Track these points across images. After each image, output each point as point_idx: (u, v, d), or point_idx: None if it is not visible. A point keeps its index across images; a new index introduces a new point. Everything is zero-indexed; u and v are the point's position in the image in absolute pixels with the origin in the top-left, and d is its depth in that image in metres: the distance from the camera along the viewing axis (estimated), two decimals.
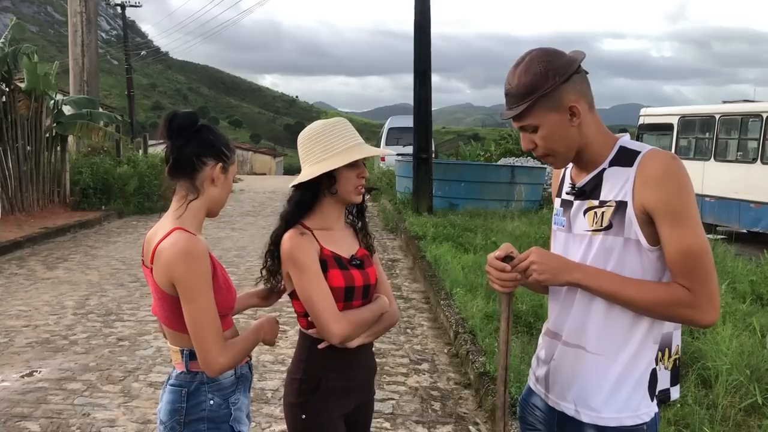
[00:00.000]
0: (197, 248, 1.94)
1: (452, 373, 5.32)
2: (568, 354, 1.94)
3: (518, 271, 1.89)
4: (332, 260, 2.22)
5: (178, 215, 2.03)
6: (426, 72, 13.36)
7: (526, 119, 1.86)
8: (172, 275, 1.93)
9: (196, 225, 2.05)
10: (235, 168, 2.17)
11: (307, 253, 2.18)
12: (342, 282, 2.21)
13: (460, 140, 43.75)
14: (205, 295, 1.93)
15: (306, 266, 2.17)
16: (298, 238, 2.20)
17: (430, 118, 13.59)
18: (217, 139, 2.08)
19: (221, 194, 2.09)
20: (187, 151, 2.04)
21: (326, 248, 2.24)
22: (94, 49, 20.93)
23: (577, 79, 1.84)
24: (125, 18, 37.03)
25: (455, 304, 6.71)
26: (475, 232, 10.67)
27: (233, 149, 2.14)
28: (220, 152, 2.07)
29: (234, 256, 9.94)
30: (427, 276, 8.17)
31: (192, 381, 2.07)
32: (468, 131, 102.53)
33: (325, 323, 2.14)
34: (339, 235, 2.32)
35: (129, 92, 37.12)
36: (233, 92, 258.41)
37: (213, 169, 2.05)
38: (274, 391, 4.74)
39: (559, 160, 1.92)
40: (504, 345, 2.04)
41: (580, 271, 1.84)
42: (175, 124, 2.04)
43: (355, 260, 2.29)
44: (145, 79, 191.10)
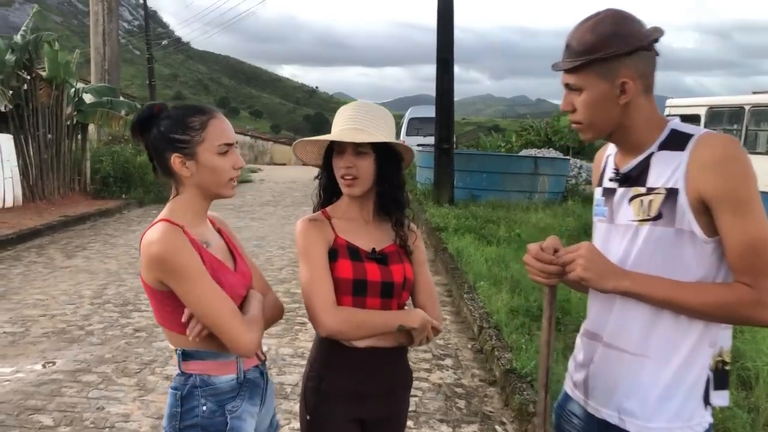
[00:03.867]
0: (178, 237, 1.78)
1: (477, 369, 5.14)
2: (610, 357, 1.78)
3: (562, 264, 1.72)
4: (345, 250, 2.08)
5: (169, 208, 1.90)
6: (448, 60, 13.12)
7: (574, 77, 1.71)
8: (155, 266, 1.76)
9: (189, 216, 1.90)
10: (212, 144, 1.87)
11: (310, 239, 2.04)
12: (350, 274, 2.04)
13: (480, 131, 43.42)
14: (201, 274, 1.77)
15: (305, 252, 2.04)
16: (305, 223, 2.10)
17: (453, 107, 13.37)
18: (169, 127, 1.87)
19: (205, 179, 1.88)
20: (150, 151, 1.92)
21: (341, 237, 2.09)
22: (115, 38, 20.92)
23: (643, 56, 1.67)
24: (146, 7, 37.00)
25: (479, 298, 6.53)
26: (498, 223, 10.47)
27: (196, 126, 1.87)
28: (171, 142, 1.86)
29: (254, 246, 9.82)
30: (449, 269, 7.99)
31: (185, 384, 1.89)
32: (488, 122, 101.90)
33: (314, 313, 1.99)
34: (364, 227, 2.16)
35: (150, 81, 37.14)
36: (254, 83, 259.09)
37: (174, 163, 1.87)
38: (293, 386, 4.59)
39: (590, 132, 1.76)
40: (546, 346, 1.87)
41: (629, 278, 1.66)
42: (134, 125, 1.91)
43: (375, 254, 2.11)
44: (166, 69, 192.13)
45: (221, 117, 1.93)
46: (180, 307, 1.81)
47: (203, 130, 1.86)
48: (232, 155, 1.91)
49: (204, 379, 1.87)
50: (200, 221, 1.94)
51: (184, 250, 1.77)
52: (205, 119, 1.88)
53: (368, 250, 2.11)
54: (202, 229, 1.94)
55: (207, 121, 1.88)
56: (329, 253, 2.06)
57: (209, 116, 1.89)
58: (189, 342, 1.83)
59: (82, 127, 14.63)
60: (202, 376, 1.88)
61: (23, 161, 12.97)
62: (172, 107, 1.94)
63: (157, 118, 1.89)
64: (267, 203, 15.87)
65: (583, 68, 1.67)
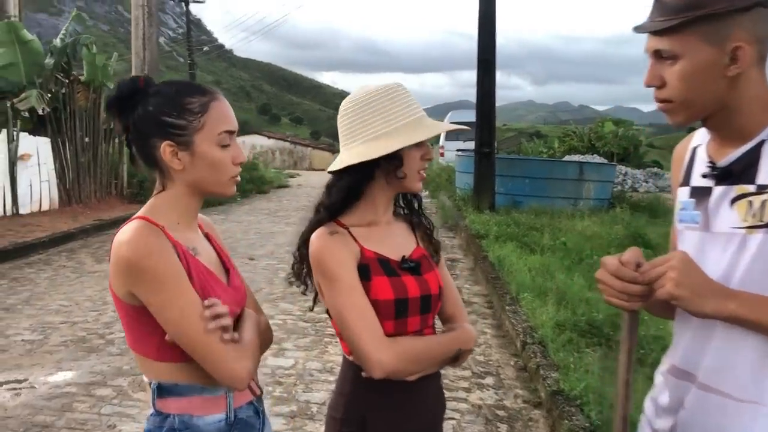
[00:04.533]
0: (154, 238, 1.45)
1: (520, 389, 4.72)
2: (709, 402, 1.38)
3: (646, 281, 1.34)
4: (377, 264, 1.70)
5: (150, 205, 1.56)
6: (490, 62, 12.70)
7: (669, 41, 1.31)
8: (125, 273, 1.42)
9: (175, 216, 1.56)
10: (212, 132, 1.53)
11: (339, 258, 1.66)
12: (391, 293, 1.67)
13: (522, 137, 42.81)
14: (181, 284, 1.43)
15: (336, 276, 1.64)
16: (327, 238, 1.68)
17: (494, 110, 12.93)
18: (160, 108, 1.51)
19: (200, 174, 1.53)
20: (131, 135, 1.55)
21: (368, 249, 1.71)
22: (154, 42, 20.99)
23: (763, 14, 1.27)
24: (189, 13, 37.41)
25: (522, 311, 6.11)
26: (542, 231, 9.99)
27: (195, 109, 1.52)
28: (161, 127, 1.51)
29: (286, 252, 9.53)
30: (489, 278, 7.57)
31: (161, 426, 1.52)
32: (529, 128, 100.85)
33: (364, 351, 1.60)
34: (387, 232, 1.79)
35: None
36: (294, 89, 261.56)
37: (164, 153, 1.52)
38: (320, 405, 4.24)
39: (683, 114, 1.36)
40: (624, 386, 1.48)
41: (736, 300, 1.27)
42: (112, 102, 1.55)
43: (408, 263, 1.75)
44: (209, 76, 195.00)
45: (223, 99, 1.58)
46: (158, 328, 1.46)
47: (203, 114, 1.51)
48: (233, 147, 1.56)
49: (185, 420, 1.51)
50: (188, 223, 1.59)
51: (162, 253, 1.42)
52: (206, 101, 1.53)
53: (398, 260, 1.75)
54: (190, 234, 1.59)
55: (208, 104, 1.53)
56: (359, 271, 1.69)
57: (210, 97, 1.54)
58: (167, 373, 1.48)
59: None
60: (182, 417, 1.51)
61: (60, 165, 12.95)
62: (162, 83, 1.59)
63: (144, 95, 1.53)
64: (302, 208, 15.64)
65: (682, 29, 1.28)
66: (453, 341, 1.75)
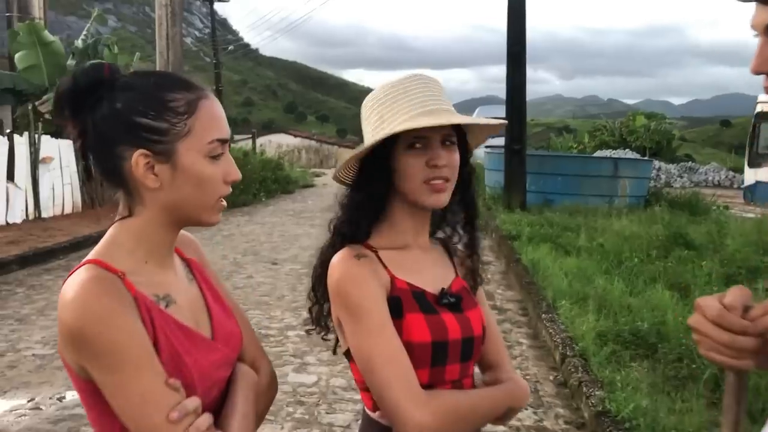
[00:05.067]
0: (106, 297, 1.08)
1: (561, 408, 4.35)
2: None
3: (760, 331, 1.00)
4: (410, 298, 1.37)
5: (108, 241, 1.20)
6: (520, 55, 12.30)
7: None
8: (70, 343, 1.09)
9: (142, 253, 1.20)
10: (201, 140, 1.17)
11: (368, 289, 1.33)
12: (428, 334, 1.35)
13: (550, 132, 42.25)
14: (140, 359, 1.08)
15: (363, 311, 1.32)
16: (352, 263, 1.36)
17: (525, 105, 12.54)
18: (132, 105, 1.15)
19: (183, 195, 1.18)
20: (90, 141, 1.18)
21: (400, 279, 1.39)
22: (178, 42, 20.87)
23: None
24: (213, 12, 37.36)
25: (560, 319, 5.71)
26: (577, 231, 9.61)
27: (181, 109, 1.16)
28: (133, 130, 1.15)
29: (310, 256, 9.13)
30: (523, 283, 7.18)
31: None
32: (558, 123, 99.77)
33: (397, 407, 1.26)
34: (421, 258, 1.46)
35: (217, 87, 37.45)
36: (320, 87, 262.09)
37: (136, 165, 1.15)
38: (344, 428, 3.91)
39: None
40: None
41: None
42: (62, 95, 1.18)
43: (448, 297, 1.41)
44: (236, 76, 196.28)
45: (214, 98, 1.23)
46: None
47: (190, 116, 1.16)
48: (225, 161, 1.21)
49: None
50: (160, 261, 1.23)
51: (115, 318, 1.07)
52: (194, 98, 1.18)
53: (435, 293, 1.42)
54: (163, 276, 1.23)
55: (197, 102, 1.18)
56: (389, 305, 1.36)
57: (199, 94, 1.19)
58: None
59: None
60: None
61: (83, 167, 12.81)
62: (134, 72, 1.24)
63: (109, 88, 1.16)
64: (328, 209, 15.28)
65: None
66: (504, 397, 1.42)
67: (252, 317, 6.15)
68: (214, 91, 1.24)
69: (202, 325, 1.26)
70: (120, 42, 13.49)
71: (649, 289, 6.43)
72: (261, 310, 6.41)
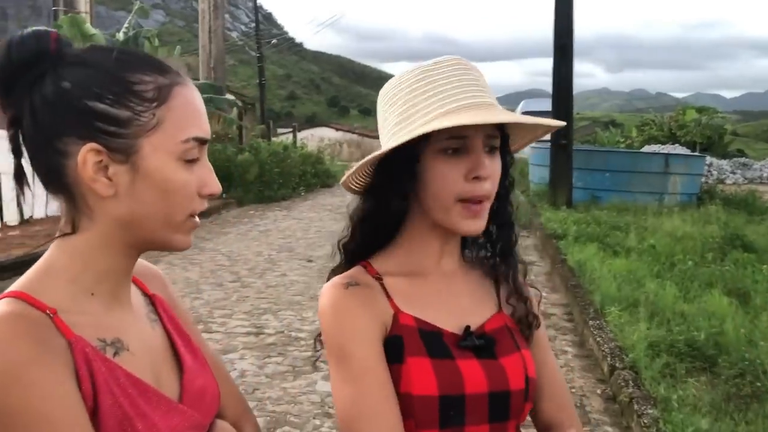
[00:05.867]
0: (24, 343, 0.82)
1: (609, 426, 4.04)
2: None
3: None
4: (416, 338, 1.10)
5: (40, 268, 0.92)
6: (567, 47, 11.89)
7: None
8: None
9: (87, 283, 0.92)
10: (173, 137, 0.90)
11: (354, 325, 1.08)
12: (434, 386, 1.06)
13: (596, 126, 41.47)
14: None
15: (345, 352, 1.08)
16: (338, 293, 1.11)
17: (572, 98, 12.14)
18: (85, 85, 0.88)
19: (145, 207, 0.91)
20: (26, 130, 0.90)
21: (405, 313, 1.12)
22: (220, 35, 20.94)
23: None
24: (257, 6, 37.57)
25: (608, 327, 5.35)
26: (626, 231, 9.22)
27: (149, 95, 0.89)
28: (85, 118, 0.88)
29: None
30: (569, 286, 6.82)
31: None
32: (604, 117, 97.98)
33: None
34: (444, 288, 1.17)
35: (260, 81, 37.58)
36: (362, 81, 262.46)
37: (83, 164, 0.88)
38: None
39: None
40: None
41: None
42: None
43: (473, 338, 1.11)
44: (280, 70, 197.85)
45: (192, 86, 0.95)
46: None
47: (161, 105, 0.89)
48: (202, 167, 0.94)
49: None
50: (110, 296, 0.96)
51: (28, 374, 0.81)
52: (167, 84, 0.91)
53: (458, 332, 1.12)
54: (114, 316, 0.96)
55: (170, 88, 0.91)
56: (387, 346, 1.09)
57: (174, 78, 0.92)
58: None
59: None
60: None
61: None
62: (90, 46, 0.95)
63: (55, 62, 0.89)
64: None
65: None
66: None
67: (283, 318, 5.95)
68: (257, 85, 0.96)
69: (165, 379, 0.98)
70: (168, 36, 13.51)
71: (704, 294, 6.04)
72: (293, 311, 6.20)
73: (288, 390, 4.34)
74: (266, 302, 6.51)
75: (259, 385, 4.41)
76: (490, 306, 1.20)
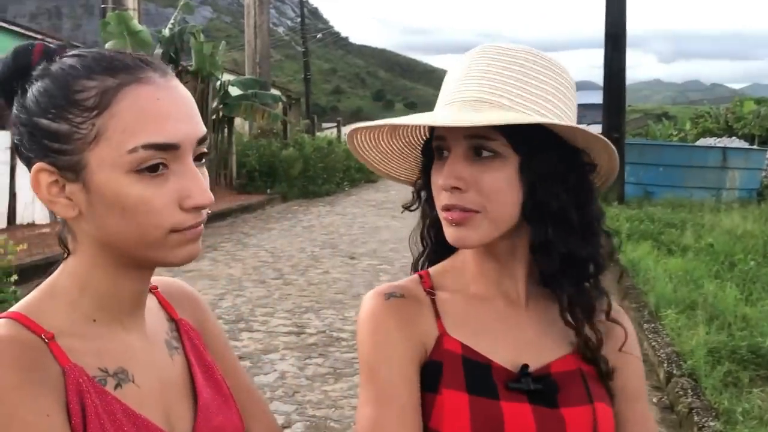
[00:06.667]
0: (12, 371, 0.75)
1: None
2: None
3: None
4: (458, 367, 0.94)
5: (44, 290, 0.85)
6: (619, 37, 11.53)
7: None
8: None
9: (88, 303, 0.84)
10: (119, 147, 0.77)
11: (384, 342, 0.95)
12: (466, 426, 0.90)
13: (648, 119, 40.62)
14: None
15: (371, 369, 0.95)
16: (377, 304, 0.98)
17: (624, 91, 11.78)
18: (38, 99, 0.79)
19: (108, 226, 0.80)
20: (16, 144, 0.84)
21: (452, 337, 0.97)
22: (265, 30, 21.09)
23: None
24: (303, 1, 37.77)
25: (664, 330, 5.13)
26: (682, 228, 8.89)
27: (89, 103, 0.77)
28: (35, 137, 0.80)
29: (389, 250, 8.91)
30: (622, 286, 6.59)
31: None
32: (656, 109, 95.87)
33: None
34: (508, 316, 1.00)
35: (305, 75, 37.80)
36: (408, 75, 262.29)
37: (37, 185, 0.81)
38: None
39: None
40: None
41: None
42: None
43: (528, 381, 0.93)
44: (326, 64, 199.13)
45: (158, 79, 0.80)
46: None
47: (101, 113, 0.77)
48: (180, 175, 0.80)
49: None
50: (115, 322, 0.86)
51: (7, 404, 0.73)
52: (113, 85, 0.78)
53: (511, 369, 0.95)
54: (121, 343, 0.86)
55: (115, 91, 0.78)
56: (424, 372, 0.94)
57: (126, 78, 0.79)
58: None
59: (228, 121, 14.55)
60: None
61: None
62: (71, 54, 0.83)
63: (24, 79, 0.82)
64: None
65: None
66: None
67: (325, 318, 5.85)
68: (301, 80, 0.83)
69: (177, 416, 0.88)
70: (214, 32, 13.65)
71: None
72: (335, 310, 6.10)
73: (329, 393, 4.23)
74: (308, 300, 6.43)
75: (299, 388, 4.31)
76: (563, 344, 1.00)
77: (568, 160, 0.95)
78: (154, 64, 0.82)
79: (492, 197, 0.91)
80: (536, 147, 0.92)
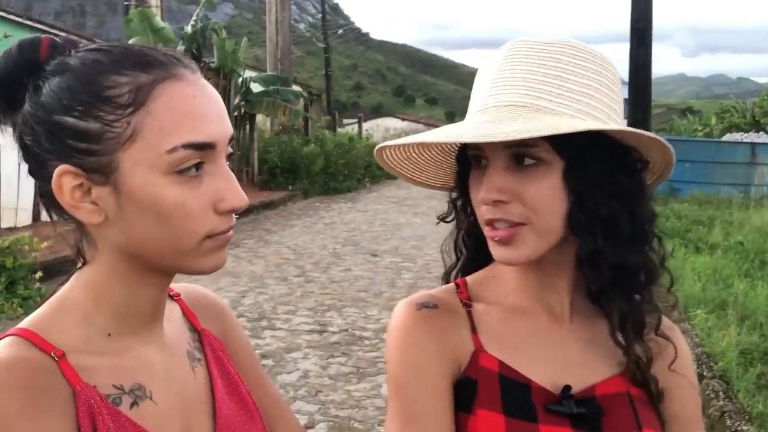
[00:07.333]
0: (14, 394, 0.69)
1: None
2: None
3: None
4: (494, 386, 0.88)
5: (57, 296, 0.80)
6: (645, 31, 11.28)
7: None
8: None
9: (103, 317, 0.79)
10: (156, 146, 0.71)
11: (413, 356, 0.89)
12: None
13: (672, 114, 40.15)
14: None
15: (398, 384, 0.89)
16: (408, 315, 0.92)
17: (649, 86, 11.55)
18: (58, 96, 0.73)
19: (139, 232, 0.75)
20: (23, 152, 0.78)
21: (489, 354, 0.90)
22: (287, 27, 21.09)
23: None
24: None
25: (694, 331, 5.01)
26: (710, 226, 8.76)
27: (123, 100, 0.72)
28: (56, 136, 0.73)
29: (411, 248, 8.87)
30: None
31: None
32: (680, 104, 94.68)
33: None
34: (551, 332, 0.93)
35: (326, 72, 37.79)
36: (429, 70, 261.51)
37: (59, 189, 0.73)
38: None
39: None
40: None
41: None
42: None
43: (571, 404, 0.86)
44: (346, 60, 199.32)
45: (192, 79, 0.76)
46: None
47: (137, 111, 0.72)
48: (215, 177, 0.75)
49: None
50: (132, 335, 0.81)
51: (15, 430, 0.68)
52: (148, 82, 0.73)
53: (553, 390, 0.88)
54: (138, 358, 0.81)
55: (151, 88, 0.73)
56: (458, 389, 0.88)
57: (160, 74, 0.74)
58: None
59: (250, 117, 14.56)
60: None
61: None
62: (87, 49, 0.77)
63: (35, 75, 0.76)
64: (433, 196, 14.92)
65: None
66: None
67: (347, 316, 5.81)
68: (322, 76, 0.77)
69: (197, 431, 0.83)
70: (236, 29, 13.67)
71: None
72: (357, 308, 6.06)
73: (352, 393, 4.18)
74: (330, 298, 6.39)
75: (322, 387, 4.27)
76: (610, 364, 0.92)
77: (617, 159, 0.87)
78: (185, 61, 0.77)
79: (538, 208, 0.84)
80: (582, 149, 0.84)
